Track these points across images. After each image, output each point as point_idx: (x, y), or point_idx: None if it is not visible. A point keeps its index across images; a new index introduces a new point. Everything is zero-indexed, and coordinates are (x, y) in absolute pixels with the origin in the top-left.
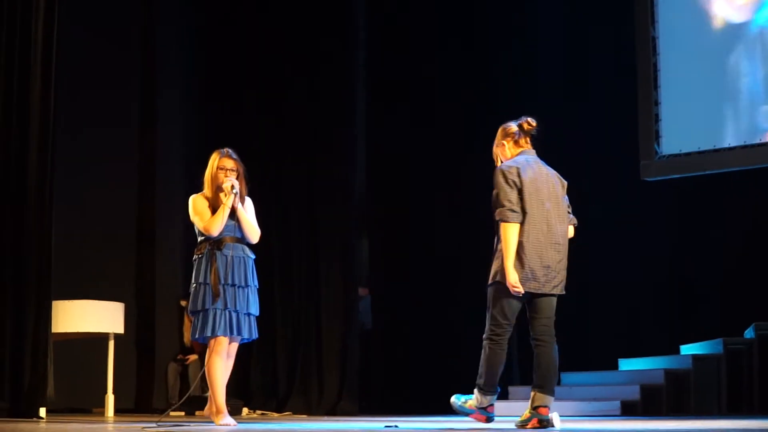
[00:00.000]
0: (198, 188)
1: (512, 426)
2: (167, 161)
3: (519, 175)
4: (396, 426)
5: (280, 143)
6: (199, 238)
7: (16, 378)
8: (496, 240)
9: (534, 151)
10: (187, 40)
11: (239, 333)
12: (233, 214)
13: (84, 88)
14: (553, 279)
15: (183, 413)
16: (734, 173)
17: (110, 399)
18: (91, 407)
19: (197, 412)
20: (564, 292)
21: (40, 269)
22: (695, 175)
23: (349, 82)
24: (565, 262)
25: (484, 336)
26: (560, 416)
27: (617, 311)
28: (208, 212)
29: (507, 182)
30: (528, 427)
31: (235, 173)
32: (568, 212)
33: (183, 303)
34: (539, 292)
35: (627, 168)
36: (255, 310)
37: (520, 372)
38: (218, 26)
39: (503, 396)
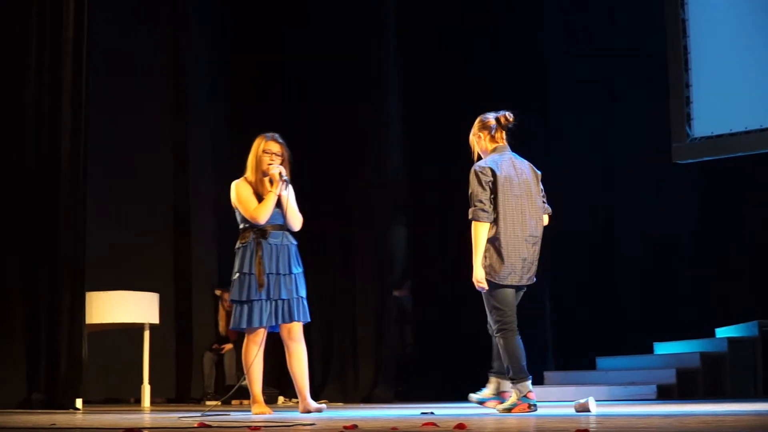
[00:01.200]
0: (230, 175)
1: (548, 412)
2: (199, 150)
3: (493, 175)
4: (432, 413)
5: (310, 128)
6: (242, 226)
7: (52, 369)
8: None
9: (508, 146)
10: (214, 25)
11: (284, 320)
12: (279, 201)
13: (115, 77)
14: (529, 271)
15: (219, 403)
16: (766, 154)
17: (146, 389)
18: (128, 397)
19: (234, 401)
20: (535, 281)
21: (74, 261)
22: (727, 157)
23: (379, 61)
24: (538, 253)
25: (494, 331)
26: (596, 401)
27: (652, 295)
28: (253, 199)
29: (480, 183)
30: (515, 411)
31: (280, 158)
32: (544, 202)
33: (218, 292)
34: (518, 284)
35: (658, 151)
36: (303, 292)
37: (555, 358)
38: (244, 10)
39: (538, 381)
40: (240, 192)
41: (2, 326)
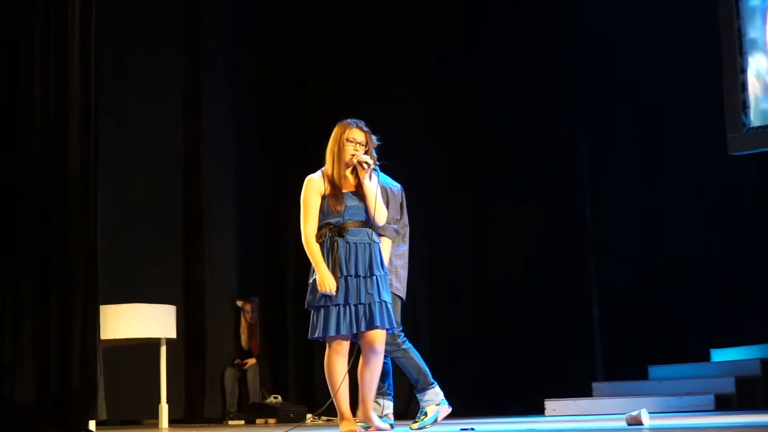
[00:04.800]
0: (251, 174)
1: (598, 425)
2: (213, 152)
3: (402, 196)
4: (473, 429)
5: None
6: (320, 223)
7: (64, 389)
8: None
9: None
10: (234, 16)
11: (366, 327)
12: (359, 194)
13: (124, 73)
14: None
15: (243, 422)
16: None
17: (164, 408)
18: (142, 418)
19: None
20: None
21: (87, 273)
22: None
23: (400, 62)
24: None
25: (399, 347)
26: (649, 413)
27: (707, 299)
28: (316, 206)
29: (397, 203)
30: (441, 418)
31: (364, 148)
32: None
33: (239, 303)
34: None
35: (710, 145)
36: (387, 297)
37: (604, 368)
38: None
39: (587, 393)
40: (306, 192)
41: (12, 344)
